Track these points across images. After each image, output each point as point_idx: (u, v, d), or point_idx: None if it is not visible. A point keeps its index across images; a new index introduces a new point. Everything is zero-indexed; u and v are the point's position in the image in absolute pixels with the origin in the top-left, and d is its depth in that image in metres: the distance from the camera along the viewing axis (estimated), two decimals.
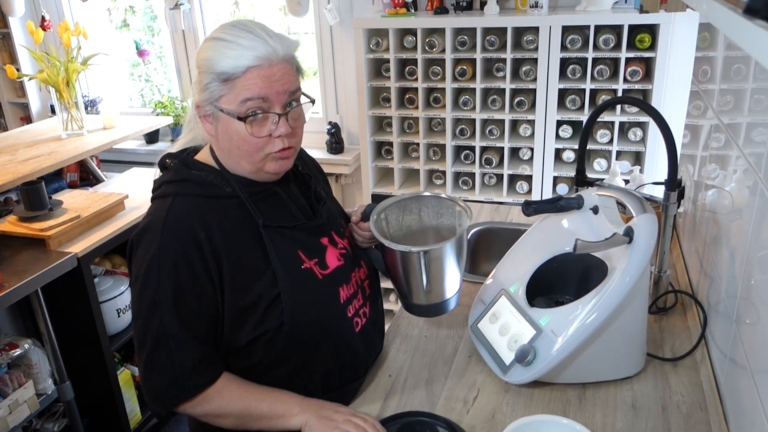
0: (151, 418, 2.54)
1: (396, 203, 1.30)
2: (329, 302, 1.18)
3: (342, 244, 1.24)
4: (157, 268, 1.07)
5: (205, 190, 1.13)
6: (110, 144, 2.81)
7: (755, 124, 1.04)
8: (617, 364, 1.22)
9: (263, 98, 1.06)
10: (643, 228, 1.15)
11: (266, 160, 1.12)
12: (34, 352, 2.11)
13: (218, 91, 1.07)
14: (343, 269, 1.21)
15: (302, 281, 1.14)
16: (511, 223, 1.96)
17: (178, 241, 1.07)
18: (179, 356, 1.08)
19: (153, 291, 1.07)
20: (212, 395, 1.11)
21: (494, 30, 2.51)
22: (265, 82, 1.06)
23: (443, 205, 1.32)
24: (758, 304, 0.95)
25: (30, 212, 2.16)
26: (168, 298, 1.07)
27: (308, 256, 1.16)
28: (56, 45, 3.19)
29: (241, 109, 1.06)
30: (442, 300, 1.24)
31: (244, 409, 1.11)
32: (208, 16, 3.35)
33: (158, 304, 1.07)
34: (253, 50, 1.05)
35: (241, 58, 1.04)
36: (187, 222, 1.08)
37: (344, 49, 3.03)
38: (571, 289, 1.29)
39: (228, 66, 1.05)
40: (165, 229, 1.08)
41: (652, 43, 2.32)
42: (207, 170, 1.15)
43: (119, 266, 2.54)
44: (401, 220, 1.32)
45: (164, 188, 1.14)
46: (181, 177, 1.14)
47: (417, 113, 2.67)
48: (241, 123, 1.07)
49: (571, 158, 2.56)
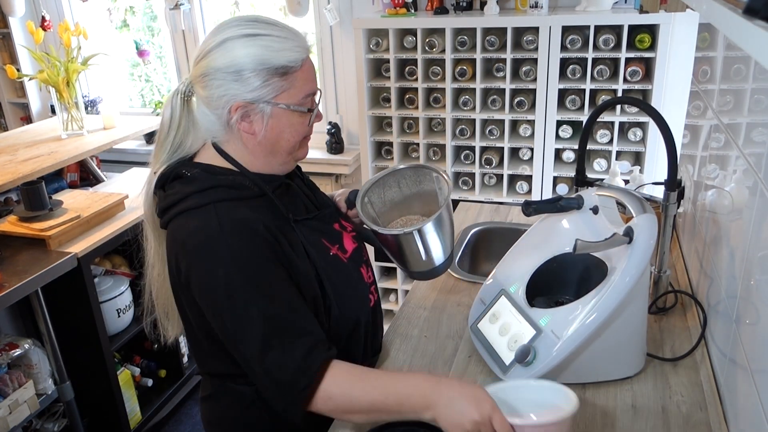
0: (150, 418, 2.54)
1: (375, 183, 1.35)
2: (357, 284, 1.22)
3: (350, 228, 1.28)
4: (237, 271, 1.01)
5: (237, 193, 1.09)
6: (110, 144, 2.81)
7: (755, 124, 1.04)
8: (617, 364, 1.22)
9: (315, 92, 1.13)
10: (642, 228, 1.15)
11: (299, 147, 1.16)
12: (34, 352, 2.11)
13: (278, 87, 1.06)
14: (359, 250, 1.26)
15: (334, 268, 1.17)
16: (511, 223, 1.96)
17: (249, 241, 1.03)
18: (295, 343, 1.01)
19: (242, 294, 1.01)
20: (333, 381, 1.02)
21: (494, 30, 2.52)
22: (314, 73, 1.12)
23: (420, 173, 1.37)
24: (758, 304, 0.95)
25: (30, 212, 2.16)
26: (261, 295, 1.02)
27: (331, 243, 1.19)
28: (56, 45, 3.19)
29: (306, 101, 1.11)
30: (442, 261, 1.30)
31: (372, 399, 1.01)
32: (208, 16, 3.35)
33: (252, 304, 1.01)
34: (298, 42, 1.09)
35: (295, 51, 1.07)
36: (241, 222, 1.04)
37: (344, 49, 3.03)
38: (571, 289, 1.29)
39: (288, 59, 1.06)
40: (225, 236, 1.02)
41: (652, 43, 2.32)
42: (229, 173, 1.12)
43: (119, 266, 2.54)
44: (384, 197, 1.38)
45: (195, 199, 1.07)
46: (210, 185, 1.08)
47: (417, 113, 2.67)
48: (305, 115, 1.11)
49: (571, 158, 2.56)
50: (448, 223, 1.27)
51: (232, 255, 1.02)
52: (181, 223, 1.07)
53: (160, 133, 1.15)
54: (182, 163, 1.13)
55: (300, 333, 1.02)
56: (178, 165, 1.13)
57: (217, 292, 1.02)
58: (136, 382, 2.51)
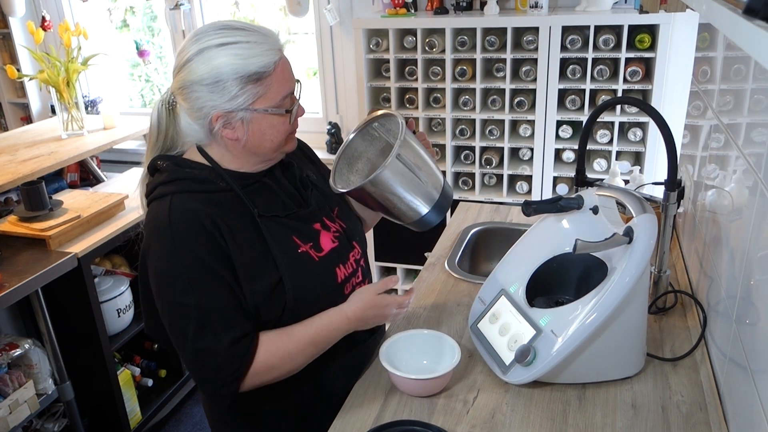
0: (150, 418, 2.54)
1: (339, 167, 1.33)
2: (327, 282, 1.22)
3: (334, 228, 1.27)
4: (178, 261, 1.08)
5: (200, 186, 1.14)
6: (110, 144, 2.81)
7: (755, 124, 1.04)
8: (617, 364, 1.22)
9: (292, 91, 1.14)
10: (642, 228, 1.15)
11: (283, 144, 1.17)
12: (35, 352, 2.11)
13: (254, 93, 1.08)
14: (338, 250, 1.25)
15: (300, 264, 1.18)
16: (511, 223, 1.96)
17: (190, 232, 1.09)
18: (225, 331, 1.09)
19: (181, 283, 1.08)
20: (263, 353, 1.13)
21: (494, 30, 2.52)
22: (289, 72, 1.13)
23: (369, 134, 1.35)
24: (758, 304, 0.95)
25: (30, 212, 2.16)
26: (196, 285, 1.08)
27: (303, 241, 1.20)
28: (56, 45, 3.19)
29: (284, 102, 1.12)
30: (427, 208, 1.28)
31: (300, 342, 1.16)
32: (208, 16, 3.35)
33: (189, 293, 1.08)
34: (268, 44, 1.09)
35: (265, 55, 1.08)
36: (190, 214, 1.10)
37: (344, 50, 3.03)
38: (571, 289, 1.29)
39: (259, 65, 1.07)
40: (173, 226, 1.09)
41: (652, 43, 2.32)
42: (200, 167, 1.17)
43: (119, 266, 2.54)
44: (357, 171, 1.36)
45: (159, 189, 1.15)
46: (176, 177, 1.15)
47: (417, 113, 2.67)
48: (285, 115, 1.13)
49: (571, 158, 2.56)
50: (414, 166, 1.22)
51: (174, 244, 1.08)
52: (148, 211, 1.17)
53: (149, 137, 1.22)
54: (159, 156, 1.20)
55: (229, 324, 1.09)
56: (155, 158, 1.20)
57: (160, 278, 1.10)
58: (136, 382, 2.51)
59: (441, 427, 1.12)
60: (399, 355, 1.26)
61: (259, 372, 1.13)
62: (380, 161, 1.31)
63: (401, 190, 1.23)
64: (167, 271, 1.09)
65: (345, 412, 1.20)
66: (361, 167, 1.36)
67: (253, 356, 1.11)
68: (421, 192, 1.26)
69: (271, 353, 1.13)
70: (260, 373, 1.13)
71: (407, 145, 1.22)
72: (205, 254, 1.08)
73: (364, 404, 1.22)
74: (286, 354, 1.14)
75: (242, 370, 1.11)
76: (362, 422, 1.17)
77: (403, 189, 1.23)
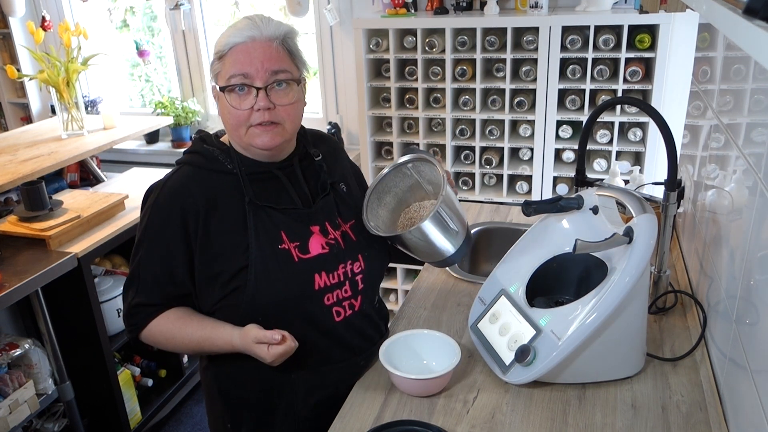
0: (151, 418, 2.54)
1: (370, 201, 1.35)
2: (300, 285, 1.22)
3: (333, 235, 1.27)
4: (147, 219, 1.23)
5: (209, 164, 1.24)
6: (110, 144, 2.81)
7: (755, 124, 1.04)
8: (617, 364, 1.22)
9: (244, 74, 1.16)
10: (642, 228, 1.15)
11: (251, 134, 1.20)
12: (35, 352, 2.11)
13: (216, 69, 1.19)
14: (325, 257, 1.24)
15: (275, 259, 1.20)
16: (511, 223, 1.96)
17: (169, 203, 1.21)
18: (140, 295, 1.24)
19: (139, 237, 1.24)
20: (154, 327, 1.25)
21: (494, 30, 2.52)
22: (246, 57, 1.16)
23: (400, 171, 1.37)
24: (758, 304, 0.95)
25: (30, 212, 2.16)
26: (146, 247, 1.23)
27: (289, 239, 1.22)
28: (56, 45, 3.19)
29: (228, 83, 1.17)
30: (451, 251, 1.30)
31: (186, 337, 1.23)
32: (208, 16, 3.35)
33: (139, 248, 1.24)
34: (241, 30, 1.16)
35: (231, 36, 1.17)
36: (180, 189, 1.21)
37: (344, 49, 3.03)
38: (571, 289, 1.29)
39: (221, 44, 1.18)
40: (163, 190, 1.23)
41: (651, 43, 2.32)
42: (218, 147, 1.26)
43: (119, 266, 2.54)
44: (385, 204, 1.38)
45: (183, 157, 1.28)
46: (194, 149, 1.27)
47: (417, 113, 2.67)
48: (222, 95, 1.18)
49: (571, 158, 2.56)
50: (448, 218, 1.25)
51: (154, 206, 1.23)
52: None
53: None
54: (202, 130, 1.33)
55: (146, 289, 1.24)
56: (200, 130, 1.34)
57: (138, 229, 1.26)
58: (136, 382, 2.51)
59: (441, 427, 1.12)
60: (399, 355, 1.26)
61: (146, 337, 1.26)
62: (408, 197, 1.39)
63: (432, 240, 1.26)
64: (139, 225, 1.26)
65: (345, 412, 1.21)
66: (389, 201, 1.39)
67: (146, 325, 1.24)
68: (449, 239, 1.28)
69: (160, 332, 1.24)
70: (147, 338, 1.27)
71: (446, 198, 1.24)
72: (169, 226, 1.20)
73: (364, 404, 1.22)
74: (170, 338, 1.24)
75: (135, 330, 1.26)
76: (362, 422, 1.17)
77: (434, 239, 1.26)
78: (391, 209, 1.38)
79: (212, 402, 1.37)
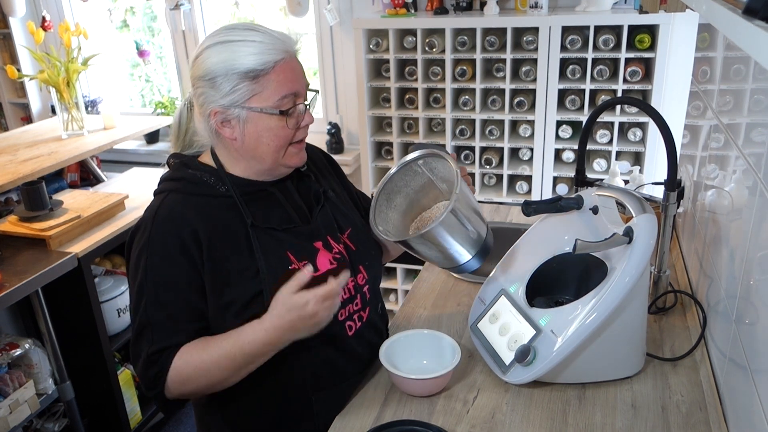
0: (151, 418, 2.54)
1: (378, 202, 1.27)
2: None
3: (337, 249, 1.23)
4: (144, 260, 1.11)
5: (198, 189, 1.16)
6: (110, 144, 2.81)
7: (755, 124, 1.04)
8: (617, 364, 1.22)
9: (296, 93, 1.12)
10: (642, 228, 1.15)
11: (289, 154, 1.15)
12: (35, 352, 2.11)
13: (249, 91, 1.08)
14: (334, 273, 1.19)
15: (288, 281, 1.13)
16: (511, 223, 1.96)
17: (165, 236, 1.11)
18: (157, 341, 1.10)
19: (139, 283, 1.11)
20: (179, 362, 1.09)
21: (494, 30, 2.52)
22: (293, 74, 1.11)
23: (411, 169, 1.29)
24: (758, 304, 0.95)
25: (30, 212, 2.16)
26: (151, 290, 1.10)
27: (298, 258, 1.16)
28: (57, 45, 3.19)
29: (281, 104, 1.10)
30: (481, 243, 1.24)
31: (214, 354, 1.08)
32: (209, 16, 3.35)
33: (142, 295, 1.11)
34: (272, 44, 1.08)
35: (265, 53, 1.07)
36: (174, 218, 1.12)
37: (344, 50, 3.03)
38: (571, 289, 1.29)
39: (256, 63, 1.07)
40: (154, 224, 1.12)
41: (651, 43, 2.32)
42: (204, 170, 1.18)
43: (119, 266, 2.54)
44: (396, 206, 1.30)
45: (162, 185, 1.18)
46: (178, 176, 1.18)
47: (417, 113, 2.67)
48: (281, 118, 1.11)
49: (571, 158, 2.56)
50: (465, 219, 1.17)
51: (148, 244, 1.11)
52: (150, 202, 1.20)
53: (172, 133, 1.25)
54: (175, 153, 1.23)
55: (162, 333, 1.09)
56: (171, 155, 1.23)
57: (130, 270, 1.15)
58: (136, 382, 2.51)
59: (441, 427, 1.12)
60: (399, 355, 1.26)
61: (175, 381, 1.09)
62: (420, 197, 1.29)
63: (447, 243, 1.19)
64: (134, 269, 1.13)
65: (345, 412, 1.21)
66: (399, 202, 1.29)
67: (169, 365, 1.09)
68: (466, 242, 1.21)
69: (186, 362, 1.09)
70: (177, 382, 1.09)
71: (461, 197, 1.16)
72: (171, 258, 1.10)
73: (364, 404, 1.22)
74: (200, 364, 1.08)
75: (160, 378, 1.09)
76: (362, 422, 1.17)
77: (449, 242, 1.19)
78: (402, 211, 1.29)
79: None
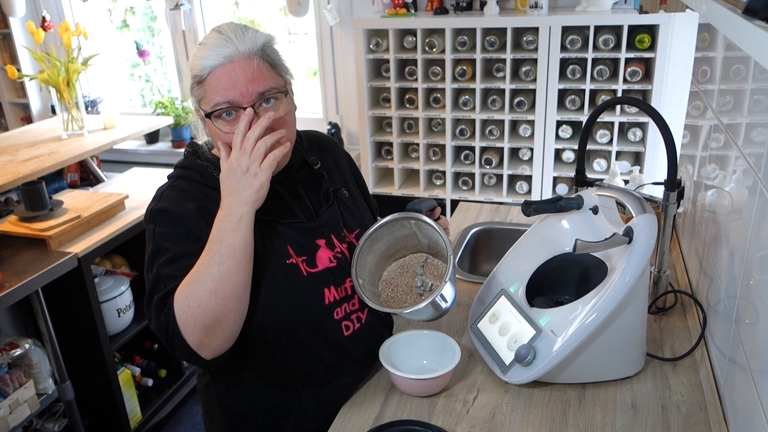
0: (151, 418, 2.54)
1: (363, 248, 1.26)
2: (310, 300, 1.17)
3: (340, 248, 1.23)
4: (153, 226, 1.14)
5: (203, 179, 1.18)
6: (111, 144, 2.81)
7: (755, 124, 1.04)
8: (617, 364, 1.22)
9: (229, 102, 1.08)
10: (642, 228, 1.15)
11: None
12: (35, 352, 2.11)
13: (198, 94, 1.12)
14: (333, 271, 1.21)
15: (283, 274, 1.15)
16: (511, 223, 1.96)
17: (170, 210, 1.13)
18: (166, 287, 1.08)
19: (151, 250, 1.13)
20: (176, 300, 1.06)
21: (494, 30, 2.52)
22: (228, 82, 1.07)
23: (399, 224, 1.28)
24: (758, 304, 0.95)
25: (30, 212, 2.16)
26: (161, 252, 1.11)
27: (297, 253, 1.17)
28: (57, 45, 3.20)
29: (213, 109, 1.09)
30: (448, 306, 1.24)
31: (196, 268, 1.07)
32: (209, 16, 3.35)
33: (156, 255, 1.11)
34: (215, 49, 1.08)
35: (206, 59, 1.08)
36: (178, 198, 1.16)
37: (344, 50, 3.03)
38: (571, 289, 1.29)
39: (197, 68, 1.09)
40: (160, 203, 1.15)
41: (651, 43, 2.32)
42: (212, 161, 1.20)
43: (119, 266, 2.54)
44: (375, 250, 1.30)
45: (173, 171, 1.23)
46: (187, 164, 1.22)
47: (417, 113, 2.67)
48: (211, 122, 1.11)
49: (571, 158, 2.56)
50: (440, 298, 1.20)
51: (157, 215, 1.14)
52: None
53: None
54: (193, 143, 1.26)
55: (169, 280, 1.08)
56: (191, 142, 1.27)
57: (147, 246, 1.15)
58: (136, 382, 2.51)
59: (441, 427, 1.12)
60: (399, 355, 1.26)
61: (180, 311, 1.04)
62: (399, 246, 1.31)
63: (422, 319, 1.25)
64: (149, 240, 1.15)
65: (345, 412, 1.21)
66: (379, 247, 1.30)
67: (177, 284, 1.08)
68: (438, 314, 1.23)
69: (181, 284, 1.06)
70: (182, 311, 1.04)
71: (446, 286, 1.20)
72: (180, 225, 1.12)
73: (364, 404, 1.22)
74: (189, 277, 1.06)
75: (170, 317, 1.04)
76: (362, 422, 1.17)
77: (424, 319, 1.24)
78: (379, 255, 1.30)
79: (213, 421, 1.30)
